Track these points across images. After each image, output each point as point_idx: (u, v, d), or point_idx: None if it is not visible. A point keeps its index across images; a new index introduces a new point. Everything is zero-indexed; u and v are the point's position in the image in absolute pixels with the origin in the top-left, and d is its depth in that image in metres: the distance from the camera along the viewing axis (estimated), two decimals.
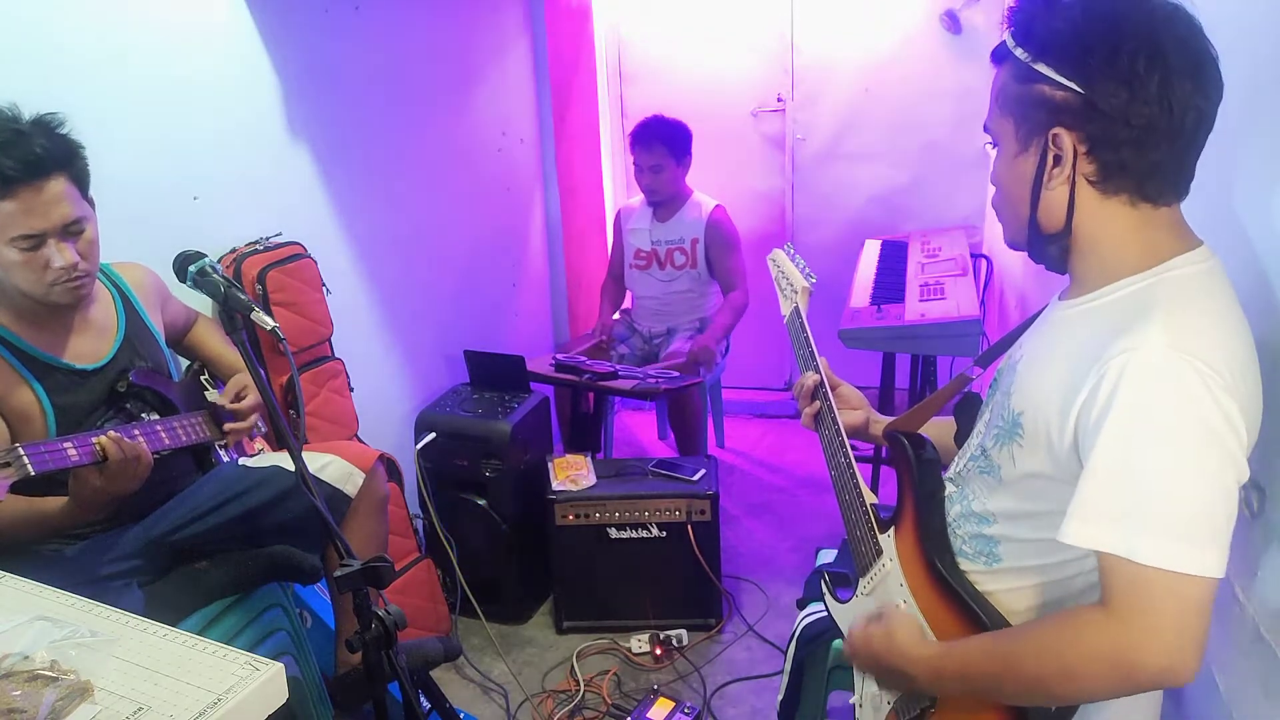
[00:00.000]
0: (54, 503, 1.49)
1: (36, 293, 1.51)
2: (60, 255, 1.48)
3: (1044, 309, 1.14)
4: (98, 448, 1.44)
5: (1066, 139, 0.98)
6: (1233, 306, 0.97)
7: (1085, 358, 0.96)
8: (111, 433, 1.46)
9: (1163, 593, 0.89)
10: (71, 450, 1.41)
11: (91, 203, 1.56)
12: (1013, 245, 1.11)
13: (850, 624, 1.33)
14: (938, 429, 1.38)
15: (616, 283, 3.53)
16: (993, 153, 1.10)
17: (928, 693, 1.14)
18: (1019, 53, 1.00)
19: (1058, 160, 0.99)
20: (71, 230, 1.50)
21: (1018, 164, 1.04)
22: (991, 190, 1.14)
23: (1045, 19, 0.98)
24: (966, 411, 1.26)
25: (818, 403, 1.41)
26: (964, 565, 1.15)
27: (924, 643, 1.13)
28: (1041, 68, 0.98)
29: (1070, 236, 1.03)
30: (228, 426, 1.82)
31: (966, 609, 1.11)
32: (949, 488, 1.21)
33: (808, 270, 1.55)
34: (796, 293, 1.54)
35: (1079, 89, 0.95)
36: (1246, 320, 0.97)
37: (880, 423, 1.45)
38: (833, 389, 1.43)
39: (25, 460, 1.33)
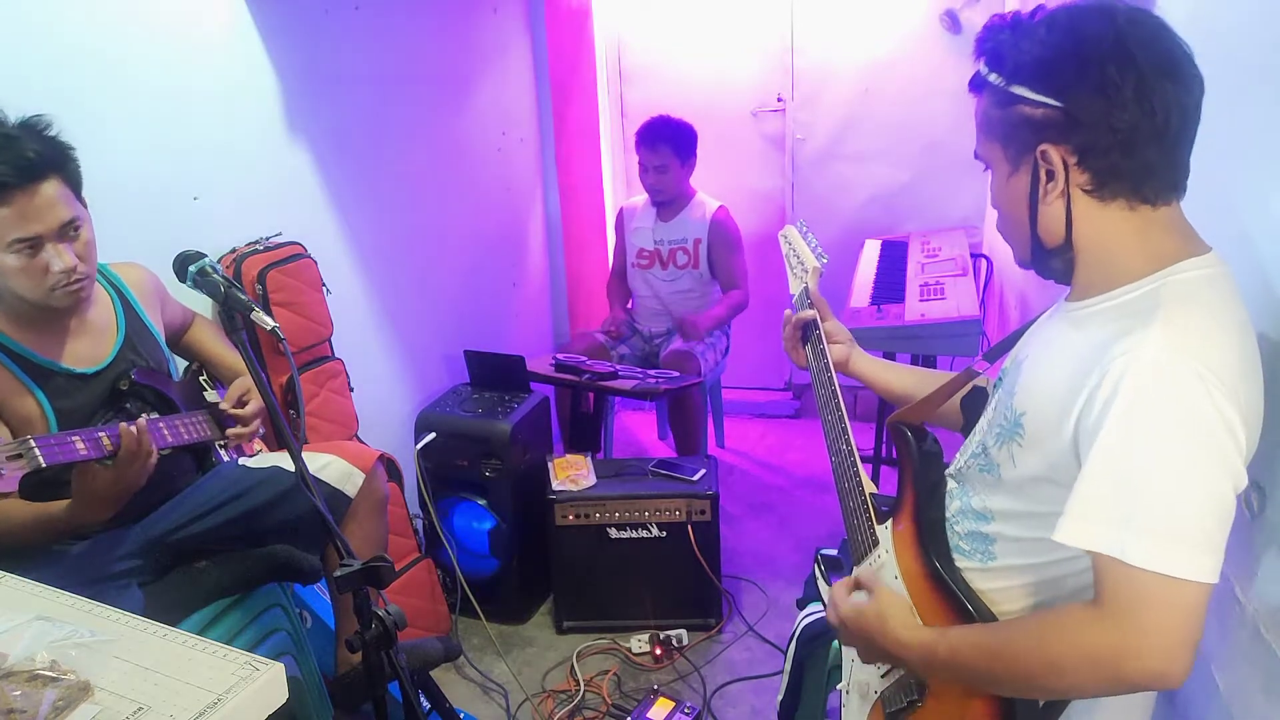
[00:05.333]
0: (59, 505, 1.49)
1: (37, 297, 1.51)
2: (59, 258, 1.48)
3: (1051, 307, 1.15)
4: (105, 440, 1.44)
5: (1054, 153, 0.99)
6: (1238, 313, 0.96)
7: (1087, 359, 0.96)
8: (139, 421, 1.47)
9: (1153, 596, 0.89)
10: (79, 443, 1.41)
11: (84, 204, 1.55)
12: (1022, 265, 1.12)
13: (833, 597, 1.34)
14: (915, 379, 1.42)
15: (621, 280, 3.54)
16: (988, 177, 1.11)
17: (918, 676, 1.15)
18: (994, 79, 1.03)
19: (1050, 175, 1.00)
20: (69, 232, 1.50)
21: (1012, 184, 1.05)
22: (994, 213, 1.15)
23: (1013, 43, 1.01)
24: (975, 406, 1.26)
25: (797, 332, 1.48)
26: (959, 562, 1.16)
27: (917, 627, 1.13)
28: (1018, 89, 1.00)
29: (1072, 249, 1.03)
30: (230, 432, 1.82)
31: (959, 605, 1.12)
32: (949, 484, 1.21)
33: (820, 249, 1.53)
34: (807, 272, 1.52)
35: (1057, 104, 0.97)
36: (1253, 328, 0.97)
37: (862, 359, 1.50)
38: (821, 320, 1.48)
39: (36, 452, 1.33)
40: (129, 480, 1.47)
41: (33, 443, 1.33)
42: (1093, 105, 0.95)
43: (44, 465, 1.33)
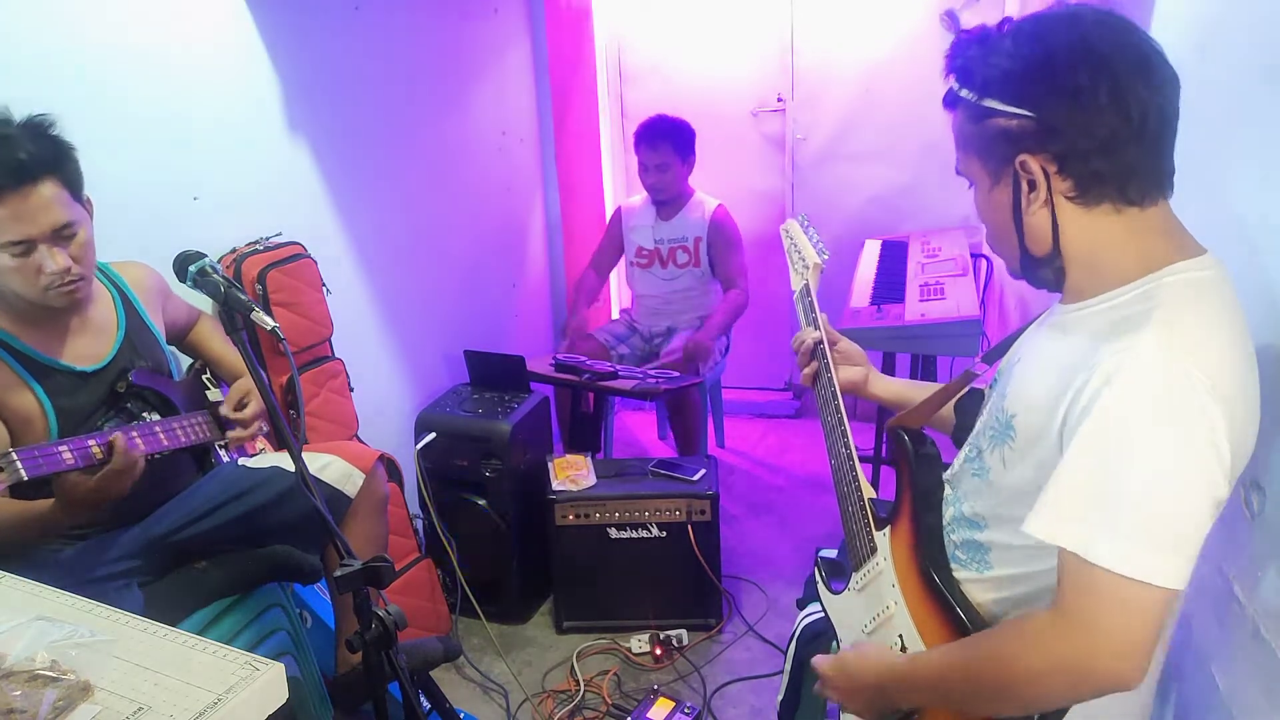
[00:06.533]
0: (43, 504, 1.48)
1: (33, 296, 1.51)
2: (52, 260, 1.48)
3: (1045, 312, 1.14)
4: (95, 449, 1.43)
5: (1033, 163, 0.98)
6: (1234, 316, 0.95)
7: (1078, 360, 0.95)
8: (118, 434, 1.46)
9: (1112, 597, 0.88)
10: (66, 454, 1.40)
11: (87, 203, 1.55)
12: (1014, 276, 1.12)
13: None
14: (917, 389, 1.41)
15: (598, 275, 3.50)
16: (971, 193, 1.10)
17: (904, 705, 1.14)
18: (966, 94, 1.02)
19: (1031, 185, 1.00)
20: (63, 234, 1.49)
21: (994, 197, 1.05)
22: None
23: (981, 57, 1.00)
24: (970, 410, 1.26)
25: (816, 361, 1.43)
26: (957, 572, 1.15)
27: (892, 653, 1.14)
28: (990, 103, 0.99)
29: (1061, 257, 1.02)
30: (230, 435, 1.82)
31: (955, 617, 1.11)
32: (945, 489, 1.21)
33: (821, 245, 1.51)
34: (808, 268, 1.51)
35: (1030, 114, 0.96)
36: (1248, 331, 0.96)
37: (881, 382, 1.46)
38: (832, 344, 1.44)
39: (18, 464, 1.33)
40: (111, 491, 1.46)
41: (13, 455, 1.33)
42: (1067, 112, 0.94)
43: (26, 479, 1.33)
